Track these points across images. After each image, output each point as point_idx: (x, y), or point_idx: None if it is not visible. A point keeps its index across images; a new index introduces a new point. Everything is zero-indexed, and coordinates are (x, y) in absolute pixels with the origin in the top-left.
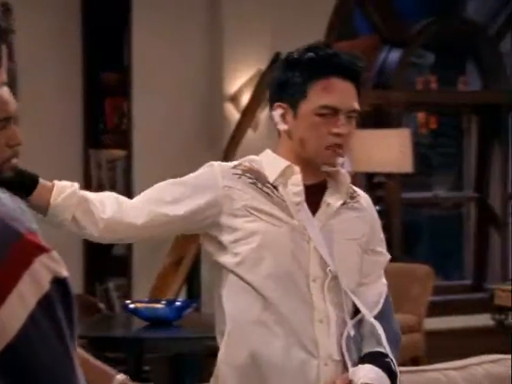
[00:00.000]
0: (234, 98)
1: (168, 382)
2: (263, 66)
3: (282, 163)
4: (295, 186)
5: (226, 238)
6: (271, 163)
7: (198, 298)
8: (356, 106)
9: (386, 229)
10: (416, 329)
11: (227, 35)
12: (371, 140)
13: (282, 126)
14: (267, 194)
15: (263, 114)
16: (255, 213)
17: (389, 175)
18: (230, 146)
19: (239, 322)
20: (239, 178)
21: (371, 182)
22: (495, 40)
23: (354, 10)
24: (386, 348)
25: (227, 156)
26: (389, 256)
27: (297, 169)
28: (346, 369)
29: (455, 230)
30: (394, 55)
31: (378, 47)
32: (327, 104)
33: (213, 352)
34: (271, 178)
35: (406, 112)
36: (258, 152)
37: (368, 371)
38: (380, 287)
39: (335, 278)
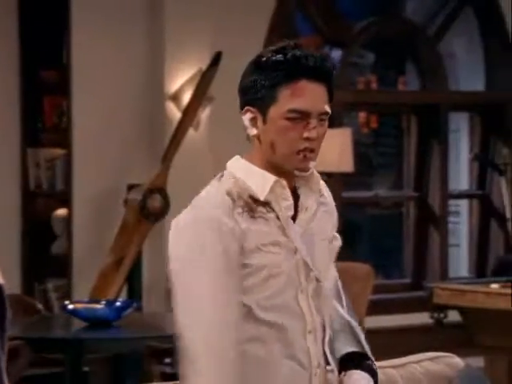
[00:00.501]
0: (175, 97)
1: (108, 383)
2: (204, 65)
3: (269, 178)
4: (285, 200)
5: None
6: (255, 179)
7: (139, 298)
8: (327, 108)
9: None
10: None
11: (168, 34)
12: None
13: (252, 131)
14: (266, 220)
15: (204, 113)
16: (263, 248)
17: (330, 174)
18: (171, 145)
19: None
20: (242, 215)
21: None
22: (434, 41)
23: (295, 10)
24: (366, 347)
25: (167, 155)
26: (340, 239)
27: (284, 183)
28: (329, 373)
29: (395, 229)
30: (335, 55)
31: (319, 47)
32: (296, 108)
33: (154, 352)
34: (262, 196)
35: (347, 111)
36: (199, 151)
37: (359, 380)
38: (334, 273)
39: (318, 283)
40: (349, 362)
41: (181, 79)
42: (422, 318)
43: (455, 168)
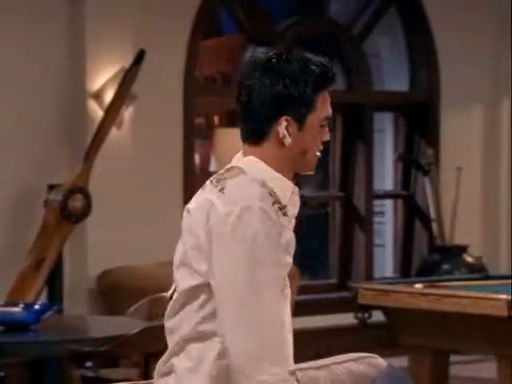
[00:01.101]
0: (97, 96)
1: None
2: (127, 63)
3: (288, 185)
4: (295, 207)
5: None
6: (278, 184)
7: (60, 300)
8: None
9: None
10: None
11: (89, 31)
12: (237, 139)
13: (288, 140)
14: (289, 221)
15: (128, 112)
16: (289, 249)
17: None
18: (93, 144)
19: None
20: (278, 212)
21: None
22: (358, 40)
23: (219, 8)
24: None
25: (89, 155)
26: None
27: (297, 190)
28: None
29: (321, 229)
30: None
31: (243, 46)
32: (329, 115)
33: (74, 356)
34: (284, 200)
35: None
36: (122, 150)
37: None
38: None
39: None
40: None
41: (103, 77)
42: (347, 319)
43: (380, 168)
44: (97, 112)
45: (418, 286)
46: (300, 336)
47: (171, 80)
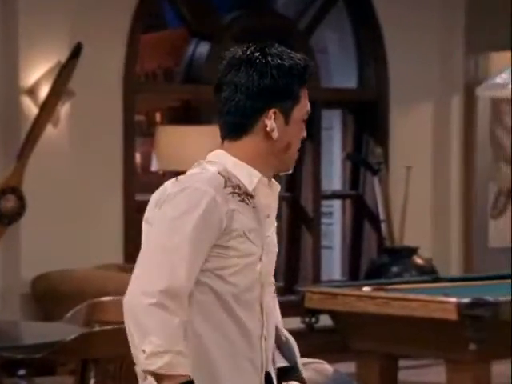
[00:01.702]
0: (32, 92)
1: None
2: (63, 57)
3: (255, 173)
4: (266, 198)
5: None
6: (243, 171)
7: None
8: None
9: None
10: None
11: (22, 26)
12: (181, 137)
13: (276, 134)
14: (253, 208)
15: (64, 109)
16: (249, 236)
17: None
18: (27, 142)
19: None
20: (232, 196)
21: None
22: (305, 35)
23: (161, 1)
24: (298, 361)
25: (23, 153)
26: None
27: (265, 180)
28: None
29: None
30: (204, 48)
31: (186, 40)
32: (309, 110)
33: (6, 363)
34: (250, 187)
35: (216, 108)
36: (58, 148)
37: None
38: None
39: (271, 288)
40: (284, 373)
41: (37, 72)
42: (294, 323)
43: (328, 167)
44: (31, 108)
45: (367, 288)
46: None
47: (110, 75)
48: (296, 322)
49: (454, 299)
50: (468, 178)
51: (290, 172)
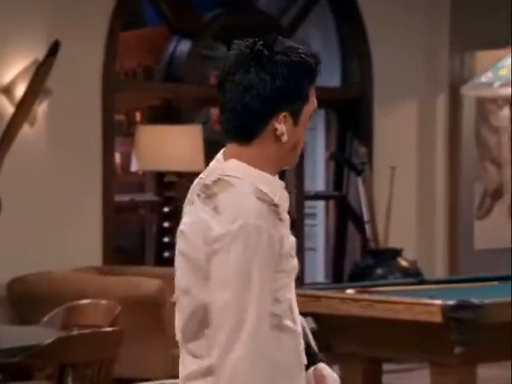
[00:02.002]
0: (7, 90)
1: None
2: (40, 55)
3: (279, 183)
4: (286, 201)
5: None
6: (270, 185)
7: None
8: None
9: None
10: None
11: None
12: (161, 136)
13: (285, 138)
14: (285, 222)
15: (41, 108)
16: (291, 253)
17: (180, 174)
18: (2, 141)
19: None
20: (274, 220)
21: (161, 182)
22: (288, 32)
23: None
24: (313, 344)
25: None
26: None
27: (283, 184)
28: None
29: None
30: (184, 46)
31: (167, 38)
32: (316, 106)
33: None
34: (276, 198)
35: (198, 107)
36: (35, 148)
37: (331, 373)
38: None
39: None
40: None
41: (13, 70)
42: None
43: (311, 168)
44: (7, 108)
45: (350, 291)
46: None
47: (89, 73)
48: None
49: (438, 301)
50: (453, 179)
51: (293, 166)
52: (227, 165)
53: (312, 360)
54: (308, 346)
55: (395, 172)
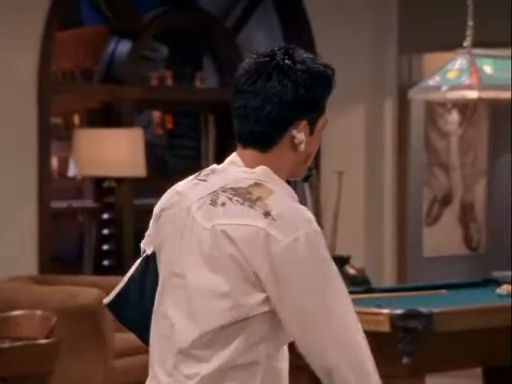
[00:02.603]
0: None
1: None
2: None
3: (295, 195)
4: None
5: None
6: (288, 189)
7: None
8: None
9: (117, 239)
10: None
11: None
12: (100, 140)
13: (303, 147)
14: None
15: None
16: None
17: (120, 180)
18: None
19: None
20: None
21: (100, 188)
22: (232, 33)
23: None
24: None
25: None
26: None
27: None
28: None
29: None
30: (124, 47)
31: (106, 38)
32: (327, 119)
33: None
34: None
35: (138, 110)
36: None
37: None
38: None
39: None
40: None
41: None
42: None
43: None
44: None
45: None
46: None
47: (24, 74)
48: None
49: (386, 311)
50: (401, 184)
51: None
52: (257, 170)
53: None
54: None
55: (342, 177)
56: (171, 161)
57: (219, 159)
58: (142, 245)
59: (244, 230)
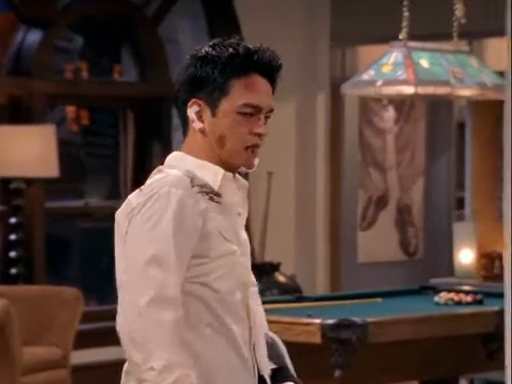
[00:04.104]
0: None
1: None
2: None
3: (217, 170)
4: (234, 195)
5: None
6: (205, 170)
7: None
8: (273, 105)
9: (27, 245)
10: (62, 364)
11: None
12: (7, 138)
13: (199, 125)
14: (222, 206)
15: None
16: (225, 236)
17: (29, 181)
18: None
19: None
20: (202, 195)
21: (8, 189)
22: (153, 23)
23: None
24: (289, 363)
25: None
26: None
27: (230, 175)
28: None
29: (111, 244)
30: (35, 37)
31: (14, 26)
32: (250, 102)
33: None
34: (215, 186)
35: (51, 105)
36: None
37: None
38: None
39: (254, 288)
40: (281, 375)
41: None
42: None
43: None
44: None
45: None
46: (88, 371)
47: None
48: None
49: (317, 320)
50: (334, 185)
51: (251, 170)
52: (169, 156)
53: (283, 380)
54: (280, 368)
55: (272, 178)
56: (87, 160)
57: (139, 158)
58: None
59: (119, 211)
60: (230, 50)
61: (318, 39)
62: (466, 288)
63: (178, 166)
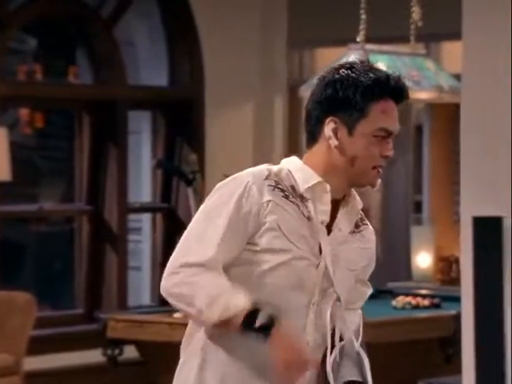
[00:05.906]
0: None
1: None
2: None
3: (314, 177)
4: (323, 204)
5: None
6: (302, 174)
7: None
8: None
9: None
10: (14, 370)
11: None
12: None
13: (335, 142)
14: (300, 208)
15: None
16: (283, 229)
17: None
18: None
19: None
20: (273, 190)
21: None
22: (109, 25)
23: None
24: (369, 379)
25: None
26: (371, 288)
27: (327, 187)
28: None
29: (65, 249)
30: None
31: None
32: (386, 127)
33: None
34: (302, 188)
35: (3, 107)
36: None
37: None
38: (360, 316)
39: (337, 302)
40: None
41: None
42: (95, 356)
43: (136, 177)
44: None
45: (179, 315)
46: (37, 378)
47: None
48: (96, 355)
49: None
50: None
51: (375, 189)
52: (286, 158)
53: None
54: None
55: None
56: (41, 163)
57: (94, 161)
58: None
59: None
60: (371, 74)
61: (276, 41)
62: (424, 292)
63: (283, 165)
